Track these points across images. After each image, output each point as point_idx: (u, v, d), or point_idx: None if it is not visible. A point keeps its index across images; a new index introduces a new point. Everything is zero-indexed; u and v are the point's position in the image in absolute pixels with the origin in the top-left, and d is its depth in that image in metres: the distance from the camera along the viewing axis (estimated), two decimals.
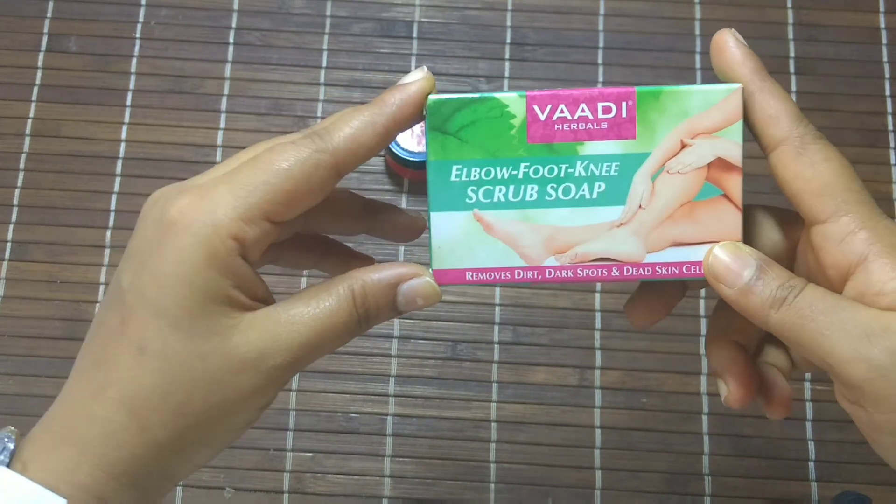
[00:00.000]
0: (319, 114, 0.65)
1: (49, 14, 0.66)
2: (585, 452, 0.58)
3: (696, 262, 0.28)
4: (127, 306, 0.26)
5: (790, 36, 0.66)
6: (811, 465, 0.58)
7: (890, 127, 0.65)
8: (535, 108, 0.27)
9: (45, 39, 0.66)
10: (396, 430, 0.59)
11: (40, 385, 0.59)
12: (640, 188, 0.27)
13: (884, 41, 0.66)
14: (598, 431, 0.59)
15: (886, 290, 0.25)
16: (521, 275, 0.28)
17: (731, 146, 0.27)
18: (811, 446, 0.59)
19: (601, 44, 0.66)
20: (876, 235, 0.26)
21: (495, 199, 0.28)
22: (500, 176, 0.28)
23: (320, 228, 0.33)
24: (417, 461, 0.58)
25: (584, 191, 0.28)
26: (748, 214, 0.30)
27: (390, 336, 0.60)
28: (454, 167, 0.28)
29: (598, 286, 0.61)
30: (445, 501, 0.57)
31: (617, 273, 0.28)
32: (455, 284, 0.28)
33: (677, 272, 0.28)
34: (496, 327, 0.61)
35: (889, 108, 0.65)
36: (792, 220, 0.30)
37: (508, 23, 0.67)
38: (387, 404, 0.59)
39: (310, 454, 0.58)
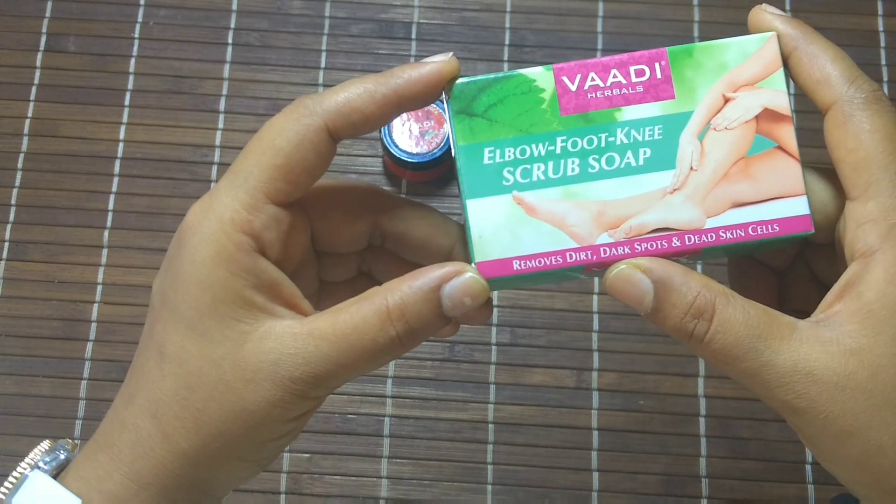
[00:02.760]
0: None
1: (48, 14, 0.66)
2: (582, 454, 0.58)
3: (762, 222, 0.26)
4: (154, 310, 0.26)
5: None
6: (808, 467, 0.58)
7: None
8: (565, 79, 0.26)
9: (43, 39, 0.66)
10: (393, 432, 0.59)
11: (38, 385, 0.59)
12: (688, 149, 0.26)
13: (882, 44, 0.66)
14: (595, 433, 0.59)
15: (869, 300, 0.23)
16: (574, 257, 0.26)
17: (777, 95, 0.26)
18: (808, 449, 0.58)
19: (600, 46, 0.66)
20: (893, 235, 0.24)
21: (535, 179, 0.26)
22: (536, 153, 0.26)
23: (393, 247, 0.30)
24: (414, 462, 0.58)
25: (628, 158, 0.26)
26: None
27: None
28: (486, 149, 0.26)
29: (596, 287, 0.61)
30: (442, 503, 0.57)
31: (678, 243, 0.26)
32: (503, 277, 0.26)
33: (743, 235, 0.26)
34: (493, 329, 0.61)
35: None
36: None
37: (507, 24, 0.67)
38: (384, 405, 0.59)
39: (307, 455, 0.58)
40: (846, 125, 0.24)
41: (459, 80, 0.26)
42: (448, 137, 0.58)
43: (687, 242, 0.26)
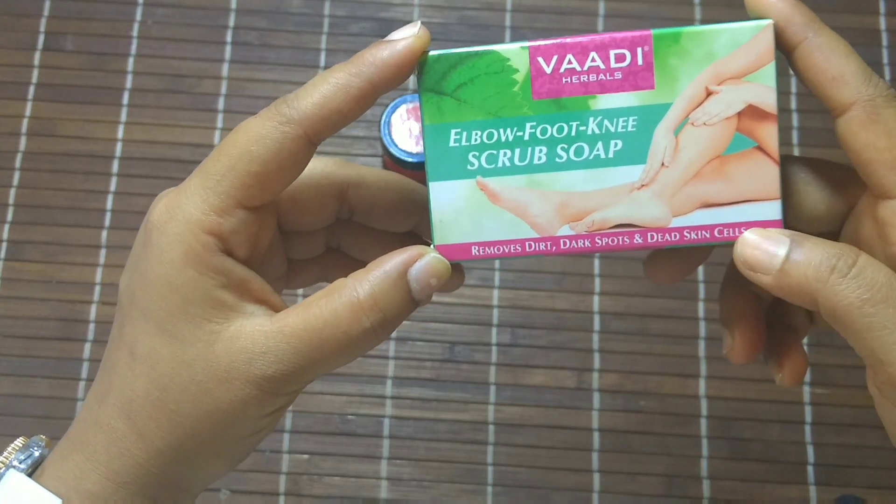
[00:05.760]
0: None
1: (46, 12, 0.66)
2: (583, 455, 0.58)
3: (729, 225, 0.25)
4: (122, 309, 0.26)
5: None
6: (810, 468, 0.58)
7: None
8: (540, 60, 0.25)
9: (41, 38, 0.66)
10: (393, 433, 0.59)
11: (35, 386, 0.59)
12: (661, 144, 0.24)
13: (884, 43, 0.66)
14: (595, 434, 0.59)
15: None
16: (533, 247, 0.25)
17: (764, 91, 0.24)
18: (810, 450, 0.58)
19: None
20: None
21: (500, 165, 0.25)
22: (503, 138, 0.25)
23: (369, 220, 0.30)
24: (414, 463, 0.58)
25: (598, 150, 0.25)
26: (790, 170, 0.27)
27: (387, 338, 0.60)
28: (453, 131, 0.25)
29: (597, 287, 0.61)
30: None
31: (640, 240, 0.25)
32: (461, 261, 0.26)
33: (708, 236, 0.25)
34: (494, 329, 0.60)
35: None
36: (844, 178, 0.26)
37: (507, 23, 0.66)
38: (384, 406, 0.59)
39: (306, 456, 0.58)
40: (875, 125, 0.23)
41: (431, 53, 0.25)
42: None
43: (649, 240, 0.25)
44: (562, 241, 0.25)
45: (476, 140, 0.25)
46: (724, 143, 0.24)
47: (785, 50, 0.25)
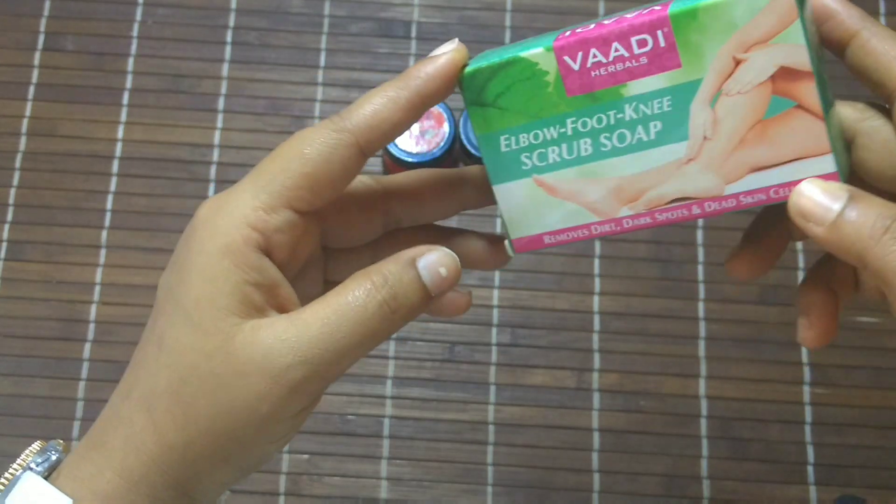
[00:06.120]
0: (317, 114, 0.65)
1: (46, 12, 0.66)
2: (583, 455, 0.58)
3: (783, 185, 0.25)
4: (158, 303, 0.26)
5: None
6: (810, 468, 0.58)
7: None
8: (567, 59, 0.25)
9: (41, 38, 0.66)
10: (393, 433, 0.59)
11: (36, 386, 0.59)
12: (699, 118, 0.25)
13: None
14: (595, 434, 0.59)
15: None
16: (598, 229, 0.27)
17: (795, 50, 0.24)
18: (810, 450, 0.58)
19: None
20: None
21: (550, 161, 0.26)
22: (548, 137, 0.26)
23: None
24: (414, 463, 0.58)
25: (640, 134, 0.25)
26: (857, 119, 0.26)
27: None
28: (502, 137, 0.26)
29: (597, 287, 0.61)
30: None
31: (698, 210, 0.25)
32: (538, 250, 0.27)
33: (764, 198, 0.25)
34: (494, 329, 0.60)
35: None
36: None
37: (507, 23, 0.66)
38: (384, 406, 0.59)
39: (306, 456, 0.58)
40: None
41: (467, 69, 0.26)
42: (447, 137, 0.58)
43: (707, 209, 0.25)
44: (624, 220, 0.26)
45: (524, 142, 0.26)
46: (763, 107, 0.24)
47: (839, 43, 0.26)
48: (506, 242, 0.27)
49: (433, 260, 0.26)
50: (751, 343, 0.60)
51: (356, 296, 0.25)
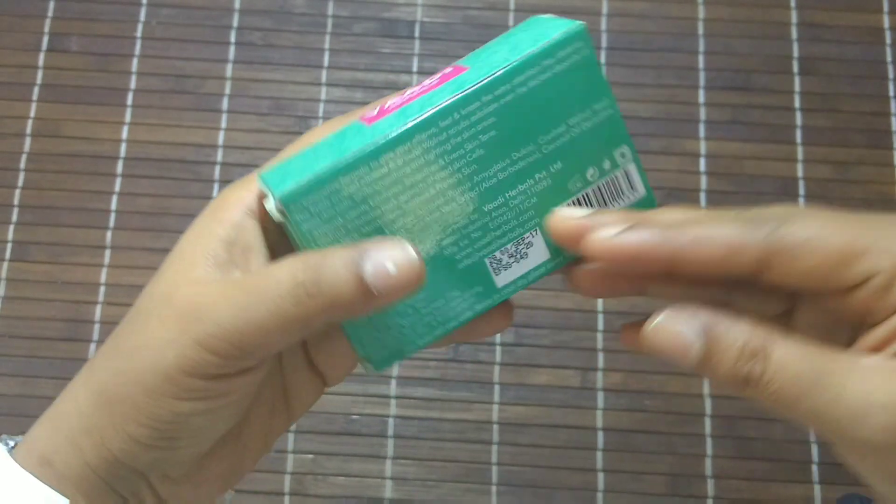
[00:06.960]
0: (321, 114, 0.65)
1: (50, 13, 0.66)
2: (587, 454, 0.58)
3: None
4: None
5: (794, 36, 0.65)
6: (814, 467, 0.58)
7: (893, 128, 0.64)
8: None
9: (45, 39, 0.66)
10: (398, 432, 0.59)
11: (41, 386, 0.59)
12: None
13: (888, 41, 0.66)
14: (600, 433, 0.59)
15: None
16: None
17: None
18: (814, 449, 0.58)
19: (604, 44, 0.66)
20: None
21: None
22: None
23: None
24: (419, 463, 0.58)
25: None
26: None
27: None
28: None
29: None
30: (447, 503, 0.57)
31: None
32: None
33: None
34: None
35: (892, 109, 0.65)
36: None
37: (511, 23, 0.66)
38: (388, 406, 0.59)
39: (311, 456, 0.58)
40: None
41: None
42: None
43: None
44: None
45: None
46: None
47: (743, 276, 0.22)
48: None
49: (382, 253, 0.23)
50: None
51: (280, 270, 0.23)
